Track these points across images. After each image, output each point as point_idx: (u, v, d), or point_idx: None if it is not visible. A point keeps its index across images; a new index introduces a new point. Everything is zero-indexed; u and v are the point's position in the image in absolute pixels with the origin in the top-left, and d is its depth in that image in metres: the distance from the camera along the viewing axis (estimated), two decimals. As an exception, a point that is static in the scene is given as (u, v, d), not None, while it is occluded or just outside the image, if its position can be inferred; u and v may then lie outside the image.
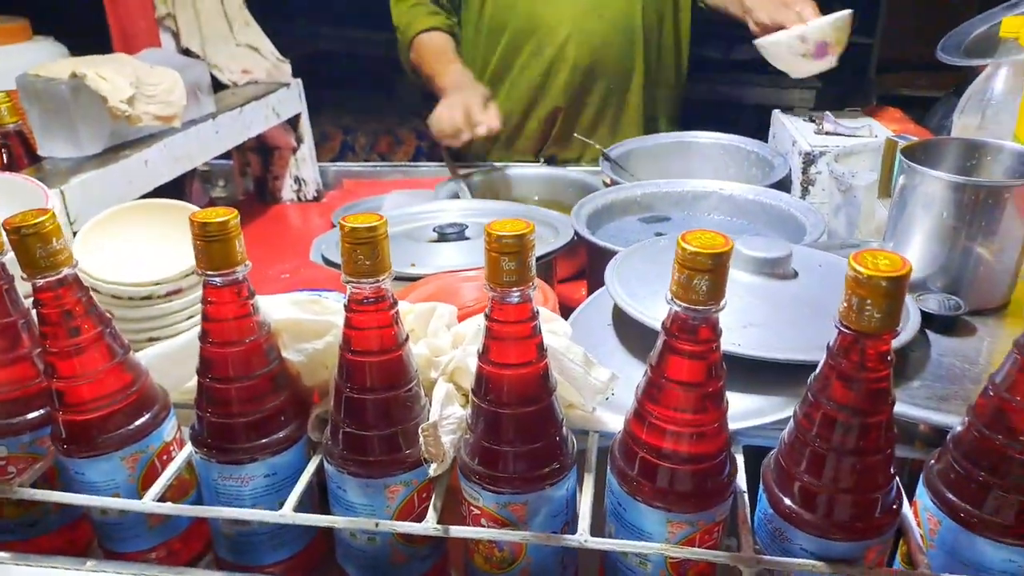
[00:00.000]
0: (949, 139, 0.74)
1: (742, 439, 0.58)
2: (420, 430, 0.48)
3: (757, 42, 1.29)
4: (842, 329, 0.43)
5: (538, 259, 0.84)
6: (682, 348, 0.45)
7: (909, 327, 0.61)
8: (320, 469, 0.54)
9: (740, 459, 0.56)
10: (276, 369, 0.53)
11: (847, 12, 1.21)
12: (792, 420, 0.48)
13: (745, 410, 0.58)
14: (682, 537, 0.49)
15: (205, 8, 1.32)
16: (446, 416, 0.51)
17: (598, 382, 0.55)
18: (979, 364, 0.61)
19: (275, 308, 0.54)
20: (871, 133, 1.17)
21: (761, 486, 0.50)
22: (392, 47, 1.62)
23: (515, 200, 1.25)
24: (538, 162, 1.48)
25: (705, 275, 0.42)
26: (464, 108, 1.24)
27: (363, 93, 3.67)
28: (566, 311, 0.77)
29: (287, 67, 1.38)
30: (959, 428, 0.48)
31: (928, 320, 0.66)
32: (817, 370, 0.46)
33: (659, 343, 0.47)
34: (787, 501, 0.47)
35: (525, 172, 1.34)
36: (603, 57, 1.46)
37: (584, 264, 1.02)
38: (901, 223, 0.70)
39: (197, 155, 1.08)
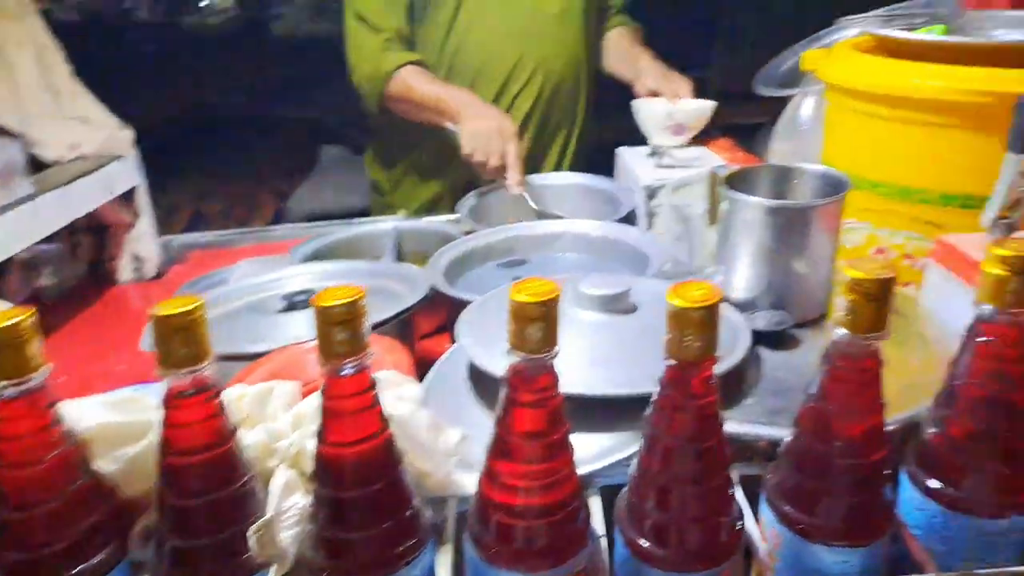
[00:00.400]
0: (763, 166, 0.79)
1: (599, 480, 0.58)
2: (251, 531, 0.45)
3: (633, 103, 1.39)
4: (668, 361, 0.44)
5: (393, 318, 0.83)
6: (525, 399, 0.45)
7: (741, 346, 0.64)
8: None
9: (597, 501, 0.56)
10: (86, 485, 0.48)
11: (710, 104, 1.34)
12: (636, 456, 0.49)
13: (600, 450, 0.59)
14: (543, 594, 0.48)
15: (25, 82, 1.23)
16: (286, 509, 0.48)
17: (448, 445, 0.54)
18: (806, 375, 0.64)
19: (83, 413, 0.49)
20: (705, 163, 1.24)
21: (616, 527, 0.51)
22: (251, 106, 1.58)
23: (372, 258, 1.23)
24: (399, 215, 1.47)
25: (537, 323, 0.43)
26: (499, 129, 1.28)
27: (218, 157, 3.56)
28: (430, 367, 0.77)
29: (127, 135, 1.30)
30: (787, 440, 0.51)
31: (758, 337, 0.69)
32: (651, 403, 0.47)
33: (501, 397, 0.46)
34: (640, 540, 0.48)
35: (384, 228, 1.33)
36: (560, 93, 1.54)
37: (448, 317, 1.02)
38: (728, 247, 0.74)
39: (12, 243, 0.99)
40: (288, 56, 4.41)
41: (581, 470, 0.56)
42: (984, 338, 0.47)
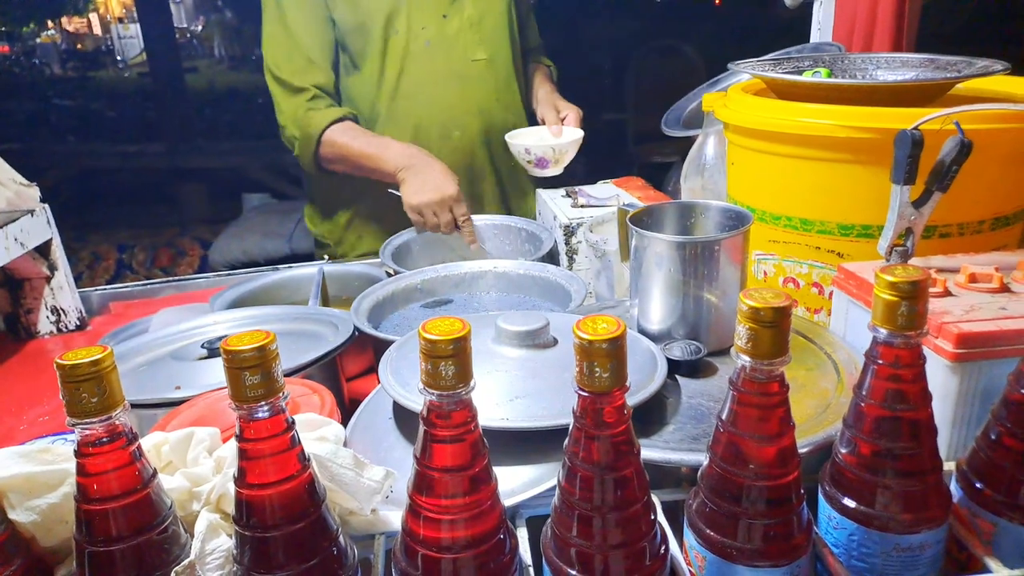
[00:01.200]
0: (670, 203, 0.83)
1: (525, 512, 0.59)
2: (173, 574, 0.44)
3: (506, 137, 1.44)
4: (579, 392, 0.46)
5: (316, 360, 0.83)
6: (442, 435, 0.46)
7: (657, 376, 0.66)
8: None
9: (523, 532, 0.57)
10: (3, 535, 0.47)
11: (569, 140, 1.41)
12: (557, 487, 0.50)
13: (526, 481, 0.60)
14: (472, 627, 0.48)
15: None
16: (210, 551, 0.47)
17: (372, 482, 0.54)
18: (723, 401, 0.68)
19: (-7, 467, 0.48)
20: (619, 201, 1.29)
21: (543, 556, 0.51)
22: (171, 158, 1.55)
23: (296, 303, 1.22)
24: (323, 259, 1.46)
25: (449, 360, 0.44)
26: (440, 200, 1.30)
27: (141, 207, 3.48)
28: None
29: (33, 192, 1.26)
30: (704, 465, 0.53)
31: (675, 366, 0.72)
32: (568, 434, 0.48)
33: (420, 433, 0.47)
34: (566, 568, 0.49)
35: (308, 272, 1.32)
36: (496, 134, 1.56)
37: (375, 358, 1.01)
38: (640, 281, 0.77)
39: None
40: (207, 107, 4.37)
41: (508, 501, 0.58)
42: (881, 360, 0.50)
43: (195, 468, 0.53)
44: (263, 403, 0.44)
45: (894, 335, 0.49)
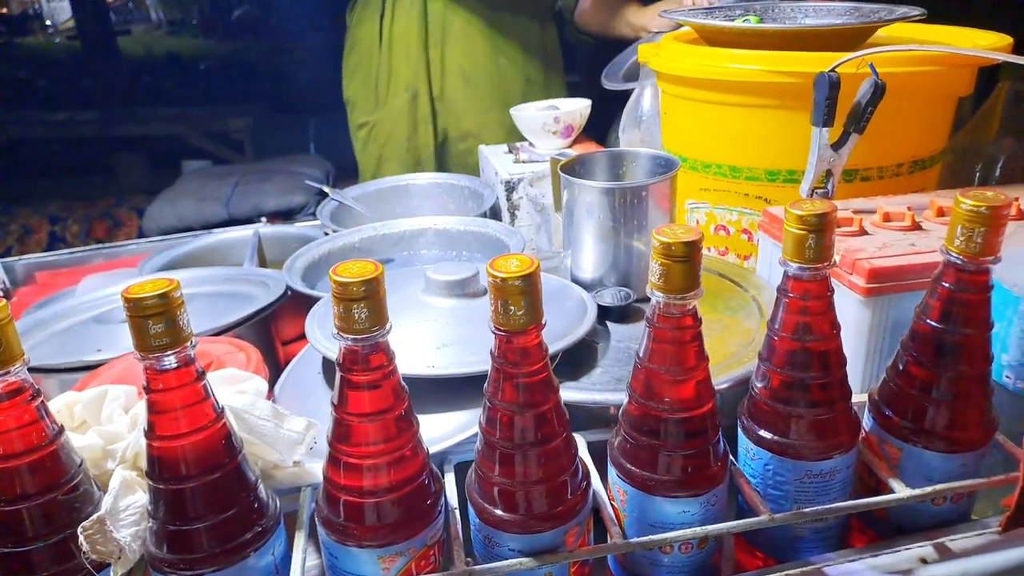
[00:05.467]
0: (600, 152, 0.83)
1: (454, 457, 0.59)
2: (80, 530, 0.43)
3: (513, 111, 1.36)
4: (496, 331, 0.46)
5: (248, 319, 0.81)
6: (358, 380, 0.46)
7: (586, 320, 0.67)
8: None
9: (451, 477, 0.57)
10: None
11: (586, 102, 1.35)
12: (479, 429, 0.50)
13: (454, 427, 0.60)
14: (398, 569, 0.48)
15: None
16: (124, 507, 0.46)
17: (294, 433, 0.53)
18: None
19: None
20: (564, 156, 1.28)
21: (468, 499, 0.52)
22: (105, 126, 1.48)
23: (234, 265, 1.19)
24: (258, 221, 1.43)
25: (362, 303, 0.43)
26: None
27: (74, 178, 3.35)
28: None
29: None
30: (624, 402, 0.53)
31: (606, 313, 0.73)
32: (488, 376, 0.48)
33: (337, 380, 0.46)
34: (487, 506, 0.49)
35: (243, 235, 1.29)
36: None
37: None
38: (572, 231, 0.77)
39: None
40: (145, 73, 4.21)
41: (437, 447, 0.58)
42: (791, 293, 0.52)
43: (109, 426, 0.52)
44: (168, 352, 0.43)
45: (803, 268, 0.50)
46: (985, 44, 0.83)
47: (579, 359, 0.67)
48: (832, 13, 0.96)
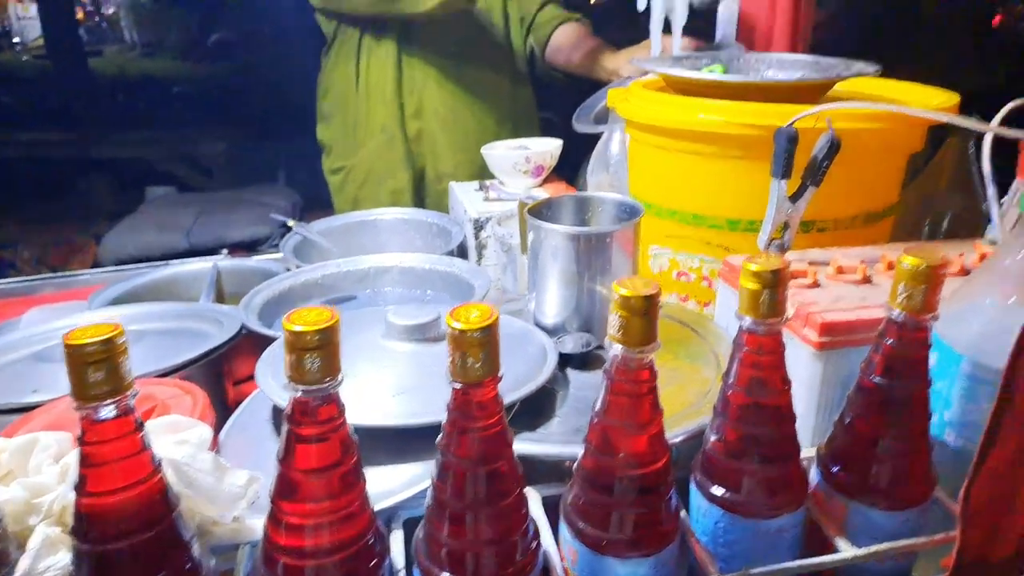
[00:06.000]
0: (567, 196, 0.83)
1: (403, 512, 0.57)
2: (-7, 595, 0.41)
3: (484, 150, 1.37)
4: (453, 384, 0.44)
5: (195, 360, 0.79)
6: (306, 433, 0.44)
7: (546, 368, 0.66)
8: None
9: (399, 535, 0.55)
10: None
11: (557, 142, 1.38)
12: (431, 483, 0.48)
13: (405, 480, 0.58)
14: (339, 634, 0.46)
15: None
16: (44, 569, 0.44)
17: (235, 488, 0.51)
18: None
19: None
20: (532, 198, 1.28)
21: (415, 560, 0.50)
22: (74, 146, 1.44)
23: (191, 298, 1.16)
24: (219, 253, 1.40)
25: (315, 352, 0.41)
26: None
27: (33, 201, 3.27)
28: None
29: None
30: (579, 457, 0.52)
31: (567, 359, 0.72)
32: (442, 429, 0.47)
33: (283, 432, 0.44)
34: (434, 568, 0.47)
35: (201, 268, 1.26)
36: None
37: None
38: (537, 274, 0.76)
39: None
40: (119, 94, 4.16)
41: (386, 503, 0.56)
42: (746, 347, 0.51)
43: (36, 477, 0.49)
44: (107, 402, 0.41)
45: (757, 323, 0.50)
46: (936, 103, 0.85)
47: (538, 407, 0.66)
48: (794, 66, 0.98)
